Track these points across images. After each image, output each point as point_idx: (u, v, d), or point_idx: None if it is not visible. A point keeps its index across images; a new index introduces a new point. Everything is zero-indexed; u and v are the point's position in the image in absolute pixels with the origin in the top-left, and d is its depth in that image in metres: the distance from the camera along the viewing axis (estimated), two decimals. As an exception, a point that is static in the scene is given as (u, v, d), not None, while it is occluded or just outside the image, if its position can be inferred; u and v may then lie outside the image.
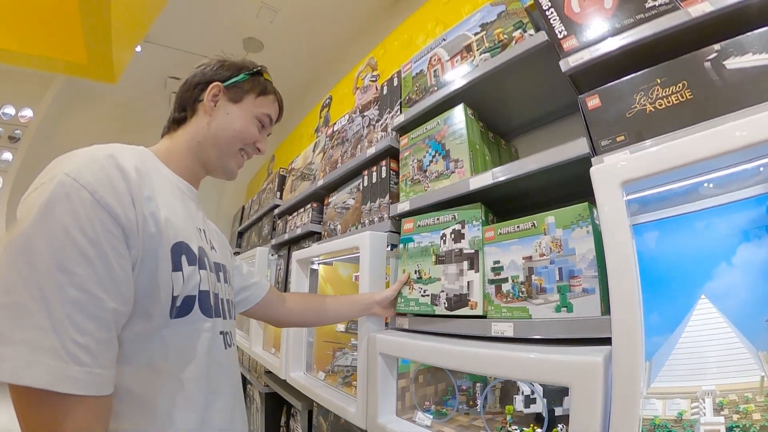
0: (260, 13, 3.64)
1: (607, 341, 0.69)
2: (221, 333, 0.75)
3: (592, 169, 0.74)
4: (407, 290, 1.25)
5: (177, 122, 0.85)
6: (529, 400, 1.07)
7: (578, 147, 0.88)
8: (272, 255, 2.67)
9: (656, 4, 0.92)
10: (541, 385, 1.03)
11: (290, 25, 3.82)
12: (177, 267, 0.64)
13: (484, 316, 1.03)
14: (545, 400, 1.03)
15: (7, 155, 4.59)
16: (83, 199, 0.52)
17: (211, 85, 0.84)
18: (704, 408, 0.64)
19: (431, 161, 1.32)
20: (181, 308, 0.64)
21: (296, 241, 2.47)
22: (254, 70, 0.90)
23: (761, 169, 0.68)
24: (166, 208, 0.65)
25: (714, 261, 0.73)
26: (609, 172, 0.71)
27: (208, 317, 0.70)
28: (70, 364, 0.46)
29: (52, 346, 0.45)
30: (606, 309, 0.78)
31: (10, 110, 4.69)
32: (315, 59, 4.28)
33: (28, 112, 4.71)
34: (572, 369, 0.71)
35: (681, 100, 0.79)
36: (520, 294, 0.95)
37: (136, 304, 0.57)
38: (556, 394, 1.02)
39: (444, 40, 1.51)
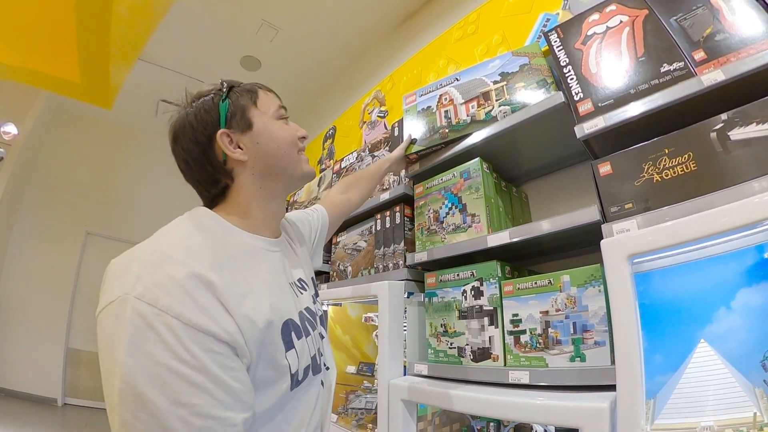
0: (260, 31, 3.67)
1: (613, 387, 0.86)
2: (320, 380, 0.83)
3: (602, 242, 0.90)
4: (436, 342, 1.38)
5: (222, 192, 0.80)
6: (542, 438, 1.22)
7: (590, 214, 1.05)
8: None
9: (671, 68, 1.01)
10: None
11: (291, 45, 3.85)
12: (289, 346, 0.68)
13: (503, 365, 1.17)
14: (557, 438, 1.18)
15: (-10, 176, 4.41)
16: (169, 325, 0.52)
17: (216, 139, 0.76)
18: (703, 443, 0.78)
19: (448, 213, 1.46)
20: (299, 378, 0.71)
21: (301, 278, 2.57)
22: (227, 90, 0.81)
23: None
24: (264, 290, 0.67)
25: (714, 305, 0.85)
26: (617, 248, 0.88)
27: (316, 374, 0.78)
28: None
29: None
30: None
31: (-9, 123, 4.56)
32: (316, 81, 4.32)
33: (11, 129, 4.63)
34: (583, 414, 0.88)
35: (686, 171, 0.90)
36: (538, 345, 1.11)
37: (261, 393, 0.61)
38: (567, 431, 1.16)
39: (457, 80, 1.59)
